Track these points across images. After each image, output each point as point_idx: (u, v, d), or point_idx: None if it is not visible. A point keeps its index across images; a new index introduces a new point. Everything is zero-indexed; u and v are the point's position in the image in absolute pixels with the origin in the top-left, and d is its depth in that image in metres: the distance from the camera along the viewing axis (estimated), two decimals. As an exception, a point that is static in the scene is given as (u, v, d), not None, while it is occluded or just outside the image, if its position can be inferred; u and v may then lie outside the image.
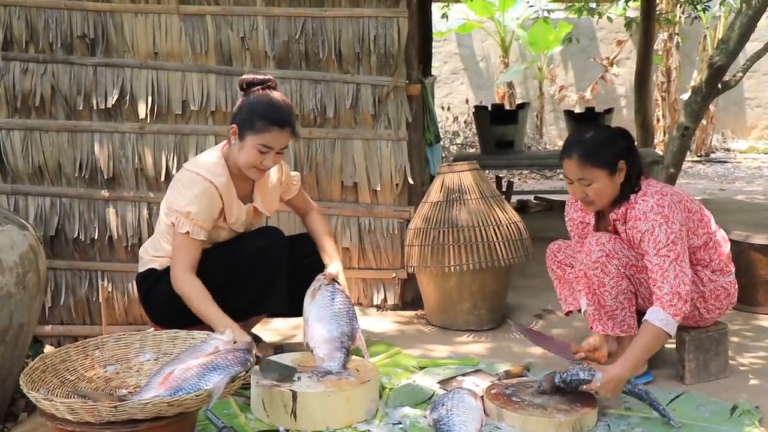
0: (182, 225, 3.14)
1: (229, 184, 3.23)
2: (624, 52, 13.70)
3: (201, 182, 3.15)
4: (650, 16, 8.29)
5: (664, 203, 3.10)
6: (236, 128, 3.18)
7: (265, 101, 3.18)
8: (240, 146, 3.18)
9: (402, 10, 4.29)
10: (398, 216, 4.46)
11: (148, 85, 4.40)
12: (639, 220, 3.10)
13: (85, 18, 4.36)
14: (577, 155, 3.12)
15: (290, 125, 3.19)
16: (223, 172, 3.22)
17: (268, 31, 4.35)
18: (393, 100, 4.37)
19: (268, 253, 3.31)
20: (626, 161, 3.14)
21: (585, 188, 3.14)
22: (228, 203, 3.24)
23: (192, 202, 3.13)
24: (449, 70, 14.11)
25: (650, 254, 3.05)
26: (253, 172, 3.22)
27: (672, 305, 2.96)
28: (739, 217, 6.99)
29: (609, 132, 3.24)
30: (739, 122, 13.89)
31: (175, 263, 3.19)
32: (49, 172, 4.45)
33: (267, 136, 3.13)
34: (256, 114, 3.15)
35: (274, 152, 3.17)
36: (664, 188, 3.17)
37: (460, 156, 8.48)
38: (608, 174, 3.12)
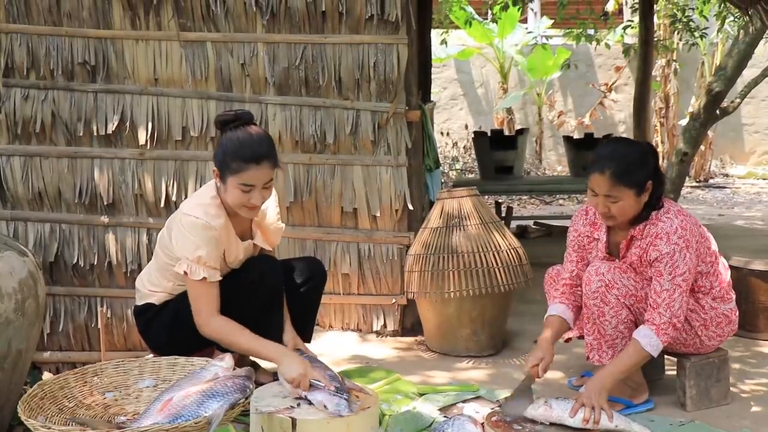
0: (196, 272, 3.07)
1: (227, 225, 3.18)
2: (622, 78, 13.76)
3: (203, 226, 3.09)
4: (648, 43, 8.32)
5: (687, 226, 3.10)
6: (217, 171, 3.12)
7: (237, 140, 3.07)
8: (224, 188, 3.11)
9: (401, 36, 4.31)
10: (398, 242, 4.46)
11: (149, 111, 4.42)
12: (661, 240, 3.10)
13: (86, 45, 4.38)
14: (609, 172, 3.09)
15: (267, 159, 3.08)
16: (220, 212, 3.16)
17: (268, 58, 4.37)
18: (393, 126, 4.38)
19: (264, 283, 3.27)
20: (653, 181, 3.14)
21: (610, 204, 3.13)
22: (227, 244, 3.19)
23: (200, 246, 3.07)
24: (448, 95, 14.16)
25: (663, 277, 3.05)
26: (245, 211, 3.15)
27: (666, 333, 3.05)
28: (739, 243, 6.98)
29: (641, 150, 3.21)
30: (737, 148, 13.91)
31: (200, 311, 3.11)
32: (49, 198, 4.46)
33: (245, 175, 3.04)
34: (230, 154, 3.06)
35: (258, 188, 3.08)
36: (683, 209, 3.19)
37: (459, 181, 8.50)
38: (636, 194, 3.12)
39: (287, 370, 2.93)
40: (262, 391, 3.01)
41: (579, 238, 3.45)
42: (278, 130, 4.40)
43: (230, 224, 3.19)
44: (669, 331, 3.05)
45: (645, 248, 3.16)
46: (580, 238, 3.45)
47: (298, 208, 4.48)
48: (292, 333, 3.37)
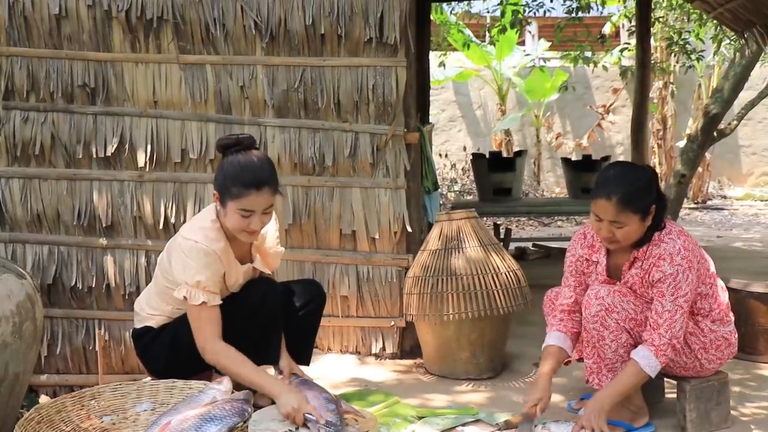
0: (196, 297, 3.05)
1: (226, 248, 3.16)
2: (620, 100, 13.82)
3: (204, 251, 3.07)
4: (645, 65, 8.37)
5: (690, 247, 3.11)
6: (217, 194, 3.11)
7: (238, 164, 3.06)
8: (224, 212, 3.10)
9: (400, 59, 4.33)
10: (397, 264, 4.46)
11: (148, 133, 4.43)
12: (664, 261, 3.09)
13: (86, 67, 4.40)
14: (617, 198, 3.07)
15: (268, 185, 3.07)
16: (219, 236, 3.14)
17: (267, 80, 4.39)
18: (391, 149, 4.39)
19: (264, 306, 3.26)
20: (656, 205, 3.15)
21: (615, 230, 3.13)
22: (227, 268, 3.18)
23: (199, 271, 3.05)
24: (447, 117, 14.21)
25: (666, 298, 3.05)
26: (244, 236, 3.14)
27: (665, 354, 3.05)
28: (738, 265, 6.98)
29: (646, 175, 3.20)
30: (735, 169, 13.96)
31: (201, 336, 3.09)
32: (48, 220, 4.45)
33: (245, 201, 3.03)
34: (230, 179, 3.05)
35: (258, 214, 3.07)
36: (684, 230, 3.20)
37: (458, 204, 8.50)
38: (640, 219, 3.12)
39: (283, 405, 2.97)
40: (261, 415, 3.00)
41: (577, 263, 3.44)
42: (277, 152, 4.40)
43: (230, 248, 3.18)
44: (668, 352, 3.05)
45: (648, 269, 3.16)
46: (578, 262, 3.44)
47: (296, 231, 4.47)
48: (288, 358, 3.37)
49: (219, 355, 3.07)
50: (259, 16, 4.30)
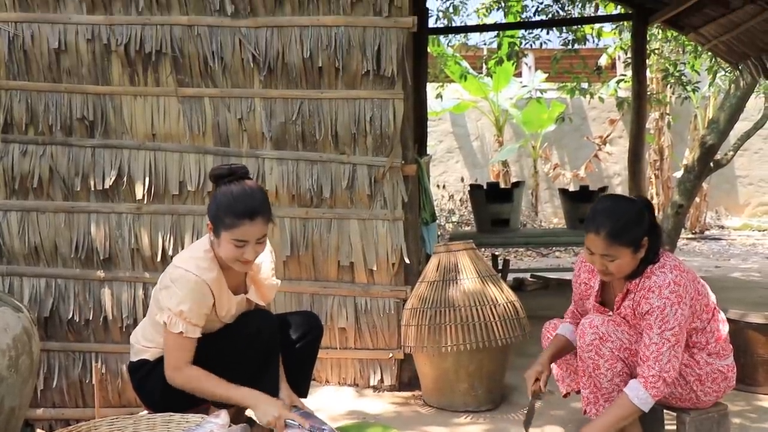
0: (176, 324, 3.03)
1: (219, 278, 3.14)
2: (616, 131, 13.89)
3: (192, 279, 3.05)
4: (641, 97, 8.42)
5: (681, 282, 3.10)
6: (211, 225, 3.10)
7: (231, 195, 3.05)
8: (218, 242, 3.08)
9: (397, 92, 4.36)
10: (395, 296, 4.45)
11: (146, 166, 4.44)
12: (652, 293, 3.09)
13: (84, 101, 4.42)
14: (605, 233, 3.08)
15: (261, 214, 3.06)
16: (212, 266, 3.13)
17: (265, 113, 4.41)
18: (389, 180, 4.41)
19: (260, 337, 3.22)
20: (649, 237, 3.15)
21: (607, 263, 3.14)
22: (218, 297, 3.15)
23: (184, 300, 3.03)
24: (444, 148, 14.26)
25: (653, 331, 3.04)
26: (238, 266, 3.13)
27: (655, 387, 3.02)
28: (736, 295, 6.97)
29: (636, 207, 3.20)
30: (731, 200, 14.00)
31: (170, 363, 3.09)
32: (45, 252, 4.45)
33: (238, 231, 3.01)
34: (223, 209, 3.04)
35: (252, 244, 3.05)
36: (681, 265, 3.18)
37: (455, 235, 8.51)
38: (632, 252, 3.12)
39: (263, 414, 2.99)
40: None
41: (579, 285, 3.48)
42: (275, 184, 4.42)
43: (223, 278, 3.17)
44: (658, 384, 3.02)
45: (638, 301, 3.16)
46: (579, 285, 3.48)
47: (294, 262, 4.47)
48: (288, 390, 3.34)
49: (188, 377, 3.07)
50: (257, 50, 4.34)
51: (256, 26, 4.34)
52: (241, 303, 3.28)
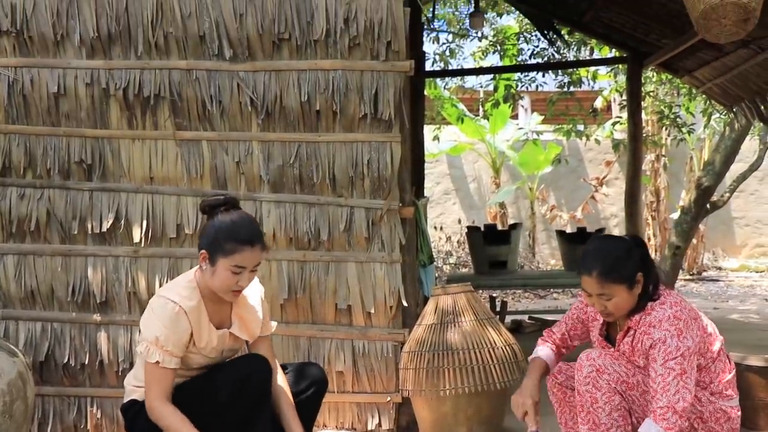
0: (152, 354, 3.02)
1: (199, 308, 3.13)
2: (613, 172, 13.95)
3: (169, 307, 3.05)
4: (637, 138, 8.48)
5: (682, 316, 3.09)
6: (206, 253, 3.09)
7: (230, 222, 3.09)
8: (212, 271, 3.08)
9: (395, 135, 4.37)
10: (392, 339, 4.43)
11: (144, 209, 4.44)
12: (653, 327, 3.09)
13: (83, 144, 4.44)
14: (596, 272, 3.10)
15: (260, 241, 3.11)
16: (194, 295, 3.12)
17: (262, 156, 4.43)
18: (387, 223, 4.41)
19: (249, 384, 3.12)
20: (643, 273, 3.15)
21: (605, 302, 3.14)
22: (197, 327, 3.12)
23: (160, 329, 3.02)
24: (441, 190, 14.30)
25: (657, 363, 3.02)
26: (231, 295, 3.13)
27: (665, 419, 2.94)
28: (735, 337, 6.93)
29: (625, 244, 3.22)
30: (728, 241, 14.02)
31: (148, 395, 3.06)
32: (42, 296, 4.44)
33: (238, 257, 3.04)
34: (223, 236, 3.06)
35: (247, 271, 3.09)
36: (683, 301, 3.18)
37: (453, 277, 8.49)
38: (627, 288, 3.12)
39: None
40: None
41: (580, 311, 3.47)
42: (272, 227, 4.42)
43: (203, 308, 3.14)
44: (668, 416, 2.95)
45: (639, 338, 3.16)
46: (581, 311, 3.47)
47: (292, 305, 4.46)
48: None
49: (164, 415, 3.03)
50: (255, 93, 4.36)
51: (254, 70, 4.37)
52: (223, 337, 3.22)
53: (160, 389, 3.05)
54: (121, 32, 4.37)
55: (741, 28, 4.19)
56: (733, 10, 4.09)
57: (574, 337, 3.51)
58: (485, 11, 10.92)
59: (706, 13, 4.16)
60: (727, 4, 4.07)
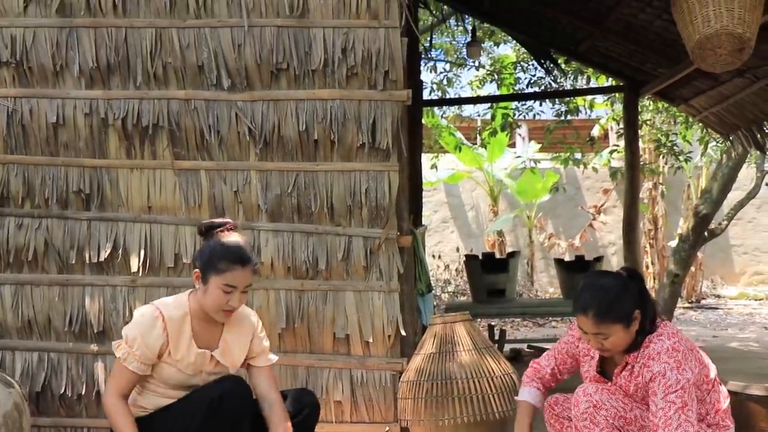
0: (119, 349, 3.13)
1: (183, 320, 3.17)
2: (610, 200, 13.97)
3: (150, 311, 3.15)
4: (635, 166, 8.50)
5: (680, 348, 3.08)
6: (199, 272, 3.18)
7: (224, 242, 3.20)
8: (204, 289, 3.16)
9: (393, 164, 4.39)
10: (391, 368, 4.41)
11: (141, 238, 4.44)
12: (652, 360, 3.07)
13: (81, 174, 4.44)
14: (592, 313, 3.07)
15: (251, 263, 3.20)
16: (181, 307, 3.19)
17: (261, 185, 4.43)
18: (384, 252, 4.41)
19: (222, 405, 3.10)
20: (640, 309, 3.13)
21: (602, 341, 3.12)
22: (174, 338, 3.14)
23: (133, 329, 3.12)
24: (439, 218, 14.31)
25: (657, 397, 3.00)
26: (221, 315, 3.19)
27: None
28: (735, 366, 6.92)
29: (621, 282, 3.18)
30: (727, 269, 14.01)
31: (106, 388, 3.18)
32: (39, 326, 4.42)
33: (229, 276, 3.12)
34: (216, 255, 3.15)
35: (238, 291, 3.15)
36: (680, 333, 3.17)
37: (451, 305, 8.47)
38: (624, 327, 3.10)
39: None
40: None
41: (572, 345, 3.45)
42: (270, 256, 4.41)
43: (188, 323, 3.18)
44: None
45: (639, 371, 3.14)
46: (572, 345, 3.45)
47: (290, 335, 4.44)
48: None
49: (111, 409, 3.11)
50: (253, 123, 4.38)
51: (253, 100, 4.39)
52: (203, 357, 3.21)
53: (116, 385, 3.14)
54: (120, 62, 4.39)
55: (736, 57, 4.22)
56: (728, 40, 4.13)
57: (564, 371, 3.51)
58: (482, 41, 11.01)
59: (702, 42, 4.19)
60: (722, 34, 4.11)
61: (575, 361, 3.47)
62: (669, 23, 5.98)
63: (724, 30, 4.08)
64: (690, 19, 4.25)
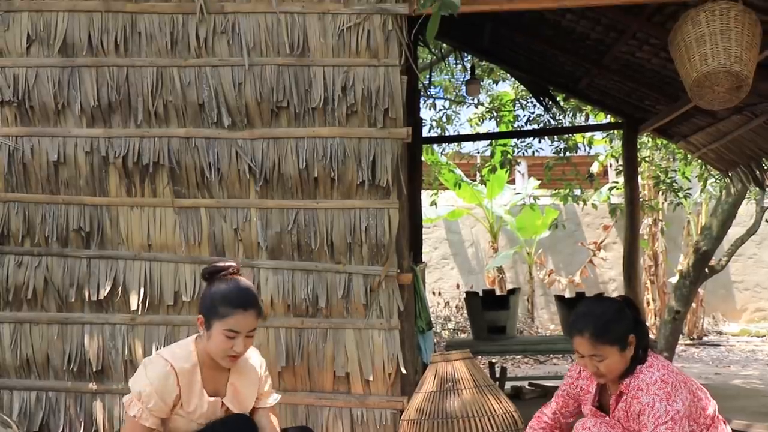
0: (132, 407, 3.04)
1: (193, 371, 3.12)
2: (610, 236, 13.97)
3: (161, 365, 3.06)
4: (634, 203, 8.51)
5: (669, 379, 3.07)
6: (202, 318, 3.13)
7: (226, 287, 3.14)
8: (208, 335, 3.11)
9: (392, 201, 4.39)
10: (391, 406, 4.38)
11: (141, 276, 4.44)
12: (641, 391, 3.07)
13: (81, 212, 4.45)
14: (589, 333, 3.11)
15: (254, 307, 3.14)
16: (190, 358, 3.13)
17: (261, 223, 4.43)
18: (385, 290, 4.40)
19: None
20: (635, 334, 3.14)
21: (598, 364, 3.13)
22: (186, 390, 3.10)
23: (146, 385, 3.03)
24: (439, 255, 14.30)
25: (648, 429, 3.00)
26: (227, 361, 3.12)
27: None
28: (739, 404, 6.85)
29: (616, 305, 3.23)
30: (728, 305, 13.97)
31: None
32: (37, 365, 4.40)
33: (231, 321, 3.06)
34: (218, 300, 3.10)
35: (242, 336, 3.09)
36: (670, 365, 3.17)
37: (452, 343, 8.43)
38: (619, 350, 3.12)
39: None
40: None
41: (571, 386, 3.46)
42: (270, 294, 4.40)
43: (198, 373, 3.13)
44: None
45: (630, 402, 3.13)
46: (572, 386, 3.45)
47: (289, 373, 4.42)
48: None
49: None
50: (253, 161, 4.39)
51: (253, 138, 4.41)
52: (215, 405, 3.19)
53: None
54: (121, 101, 4.42)
55: (734, 95, 4.25)
56: (725, 78, 4.16)
57: (567, 415, 3.50)
58: (481, 78, 11.08)
59: (700, 80, 4.22)
60: (719, 72, 4.14)
61: (577, 402, 3.46)
62: (666, 61, 6.02)
63: (721, 68, 4.11)
64: (687, 57, 4.28)
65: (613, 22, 6.09)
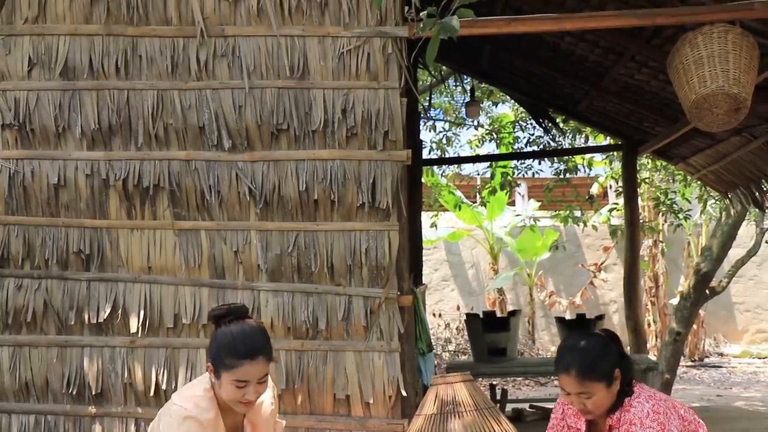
0: None
1: (216, 419, 3.05)
2: (611, 258, 13.95)
3: (193, 420, 2.98)
4: (634, 224, 8.52)
5: (660, 409, 3.05)
6: (211, 366, 3.03)
7: (231, 335, 3.02)
8: (218, 384, 3.02)
9: (393, 223, 4.39)
10: (392, 429, 4.36)
11: (141, 298, 4.43)
12: (635, 425, 3.04)
13: (81, 234, 4.45)
14: (575, 371, 3.06)
15: (262, 354, 3.01)
16: (211, 405, 3.05)
17: (261, 245, 4.43)
18: (385, 312, 4.39)
19: None
20: (620, 368, 3.12)
21: (585, 401, 3.10)
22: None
23: None
24: (439, 277, 14.27)
25: None
26: (240, 407, 3.05)
27: None
28: (741, 426, 6.83)
29: (601, 341, 3.19)
30: (729, 327, 13.93)
31: None
32: (36, 388, 4.38)
33: (239, 372, 2.97)
34: (224, 350, 2.99)
35: (253, 384, 3.00)
36: (657, 393, 3.14)
37: (452, 365, 8.40)
38: (606, 386, 3.09)
39: None
40: None
41: (557, 427, 3.41)
42: (270, 316, 4.39)
43: (220, 419, 3.09)
44: None
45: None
46: (558, 428, 3.41)
47: (289, 396, 4.40)
48: None
49: None
50: (253, 183, 4.40)
51: (253, 160, 4.42)
52: None
53: None
54: (121, 124, 4.43)
55: (732, 117, 4.26)
56: (724, 100, 4.17)
57: None
58: (481, 100, 11.13)
59: (698, 103, 4.23)
60: (718, 94, 4.15)
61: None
62: (665, 83, 6.05)
63: (720, 90, 4.13)
64: (686, 79, 4.30)
65: (611, 44, 6.12)
